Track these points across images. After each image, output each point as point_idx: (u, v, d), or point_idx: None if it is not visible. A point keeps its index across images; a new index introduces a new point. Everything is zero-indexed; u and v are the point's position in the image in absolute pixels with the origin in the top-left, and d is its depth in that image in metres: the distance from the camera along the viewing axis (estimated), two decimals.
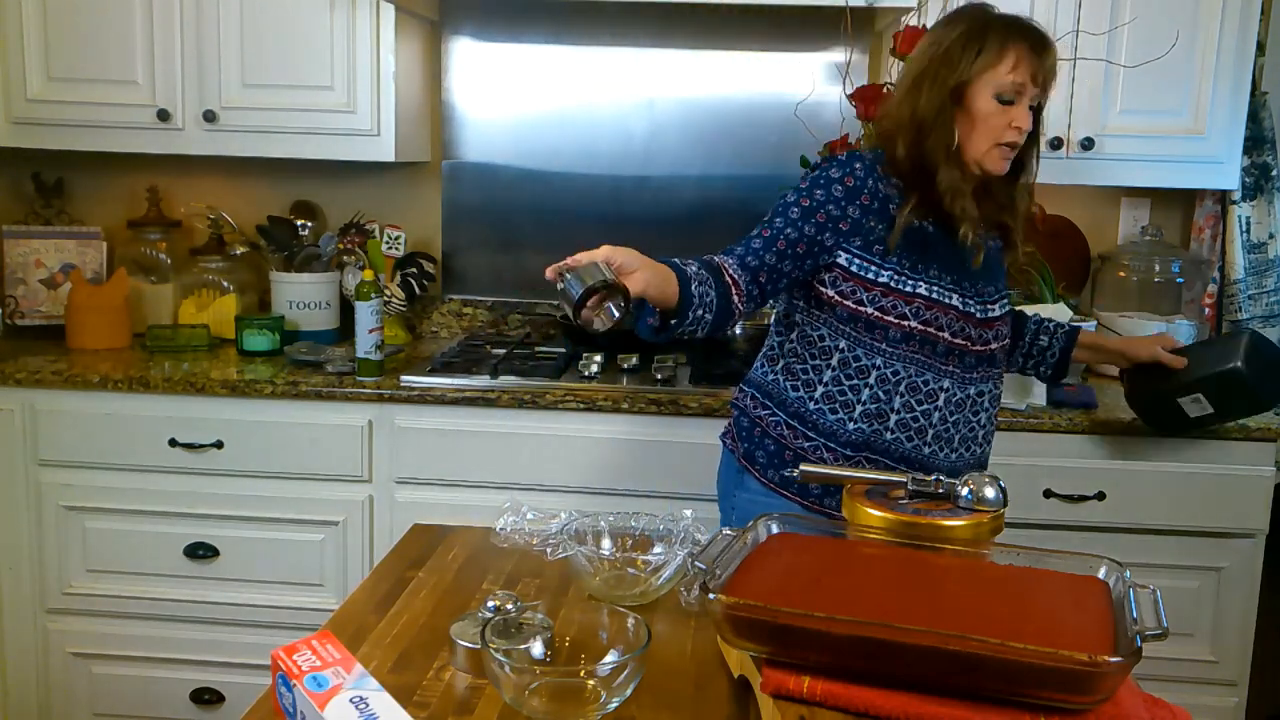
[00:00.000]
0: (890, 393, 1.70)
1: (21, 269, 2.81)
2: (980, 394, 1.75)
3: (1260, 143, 2.61)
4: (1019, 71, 1.64)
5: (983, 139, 1.67)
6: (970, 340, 1.71)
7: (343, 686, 0.97)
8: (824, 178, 1.70)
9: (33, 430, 2.44)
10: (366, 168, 2.89)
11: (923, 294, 1.68)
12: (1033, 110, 1.69)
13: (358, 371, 2.43)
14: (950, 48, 1.67)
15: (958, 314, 1.70)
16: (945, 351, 1.70)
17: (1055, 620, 1.00)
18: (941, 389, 1.71)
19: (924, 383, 1.71)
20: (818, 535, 1.21)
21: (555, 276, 1.41)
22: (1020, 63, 1.64)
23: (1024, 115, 1.65)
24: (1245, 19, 2.43)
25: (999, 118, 1.65)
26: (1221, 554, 2.32)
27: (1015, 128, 1.65)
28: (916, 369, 1.70)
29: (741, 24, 2.79)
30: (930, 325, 1.69)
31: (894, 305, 1.68)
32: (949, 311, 1.70)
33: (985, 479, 1.28)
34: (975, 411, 1.75)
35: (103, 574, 2.48)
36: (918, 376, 1.70)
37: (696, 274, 1.54)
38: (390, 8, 2.55)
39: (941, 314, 1.69)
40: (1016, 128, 1.65)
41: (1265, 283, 2.66)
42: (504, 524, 1.46)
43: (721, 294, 1.57)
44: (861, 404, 1.71)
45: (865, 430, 1.71)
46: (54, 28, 2.59)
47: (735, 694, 1.10)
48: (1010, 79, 1.64)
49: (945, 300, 1.69)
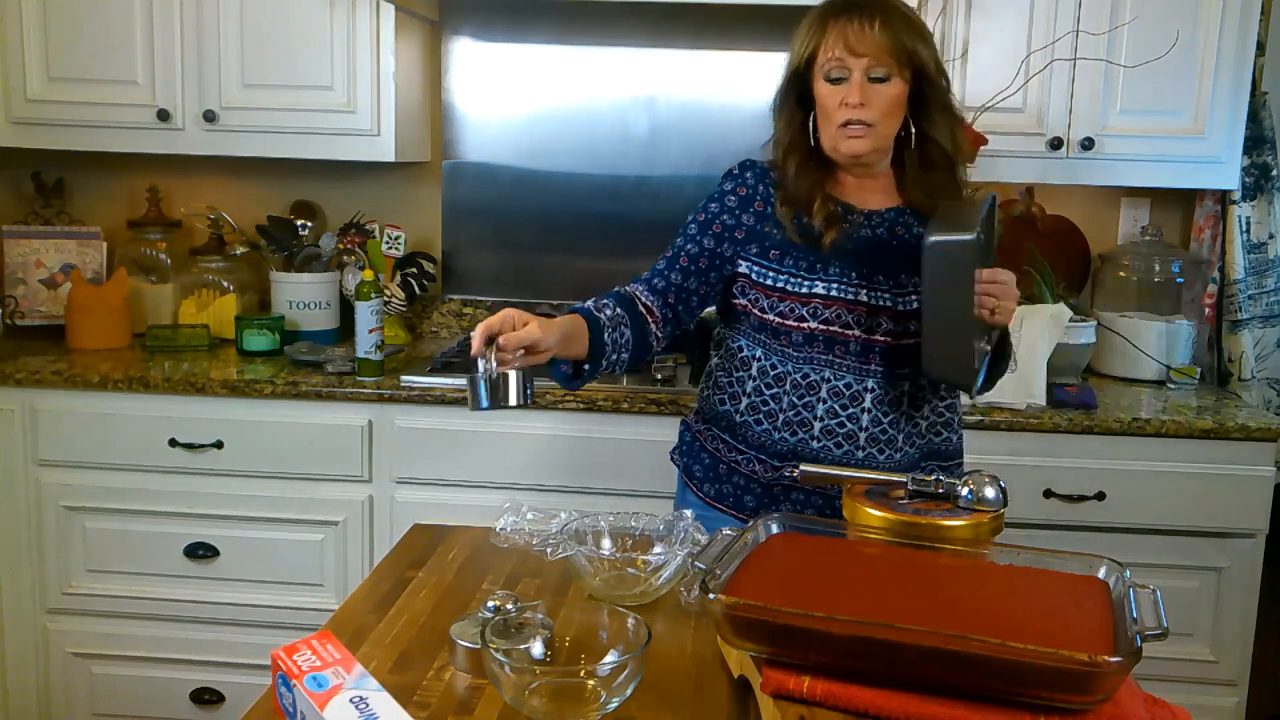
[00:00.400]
0: (811, 399, 1.65)
1: (21, 269, 2.81)
2: (919, 388, 1.69)
3: (1260, 143, 2.61)
4: (837, 46, 1.58)
5: (827, 124, 1.62)
6: (892, 335, 1.65)
7: (343, 686, 0.97)
8: (718, 190, 1.71)
9: (33, 430, 2.44)
10: (366, 168, 2.89)
11: (820, 293, 1.63)
12: (880, 81, 1.58)
13: (358, 371, 2.43)
14: (791, 50, 1.66)
15: (867, 309, 1.64)
16: (863, 350, 1.64)
17: (1055, 620, 1.00)
18: (866, 389, 1.65)
19: (845, 386, 1.65)
20: (818, 535, 1.21)
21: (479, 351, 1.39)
22: (838, 38, 1.58)
23: (856, 90, 1.57)
24: (1245, 19, 2.43)
25: (832, 98, 1.60)
26: (1221, 554, 2.32)
27: (845, 104, 1.58)
28: (834, 372, 1.65)
29: (741, 24, 2.79)
30: (834, 324, 1.63)
31: (792, 309, 1.64)
32: (856, 308, 1.64)
33: (985, 479, 1.28)
34: (915, 406, 1.69)
35: (103, 574, 2.48)
36: (838, 380, 1.65)
37: (611, 318, 1.58)
38: (390, 8, 2.55)
39: (846, 311, 1.63)
40: (847, 104, 1.58)
41: (1265, 283, 2.66)
42: (504, 524, 1.46)
43: (638, 329, 1.61)
44: (784, 413, 1.67)
45: (790, 440, 1.66)
46: (54, 28, 2.59)
47: (735, 694, 1.10)
48: (829, 55, 1.59)
49: (848, 297, 1.63)
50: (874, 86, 1.58)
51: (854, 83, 1.58)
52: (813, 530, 1.23)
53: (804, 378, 1.66)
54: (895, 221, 1.69)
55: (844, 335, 1.64)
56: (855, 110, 1.58)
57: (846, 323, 1.63)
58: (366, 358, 2.42)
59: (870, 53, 1.57)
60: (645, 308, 1.64)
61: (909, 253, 1.65)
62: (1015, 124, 2.48)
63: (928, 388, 1.70)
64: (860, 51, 1.57)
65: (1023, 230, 2.76)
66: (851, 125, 1.59)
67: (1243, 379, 2.64)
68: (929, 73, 1.63)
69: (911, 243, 1.66)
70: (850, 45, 1.57)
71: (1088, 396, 2.36)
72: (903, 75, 1.60)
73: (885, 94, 1.59)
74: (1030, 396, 2.34)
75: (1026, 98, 2.47)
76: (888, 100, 1.60)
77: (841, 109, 1.59)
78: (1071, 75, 2.47)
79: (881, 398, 1.65)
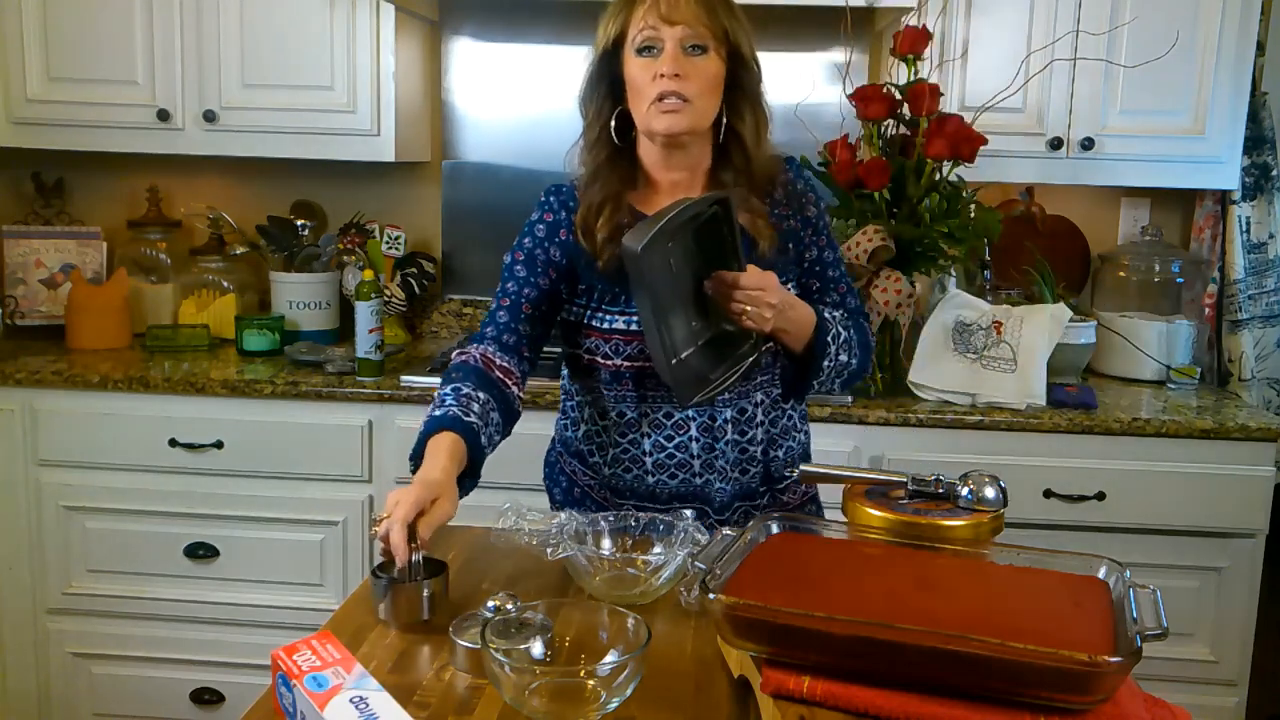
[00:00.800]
0: (635, 435, 1.57)
1: (21, 269, 2.81)
2: (742, 411, 1.57)
3: (1260, 143, 2.61)
4: (649, 15, 1.44)
5: (639, 102, 1.47)
6: None
7: (343, 686, 0.97)
8: (528, 222, 1.59)
9: (33, 430, 2.45)
10: (366, 168, 2.89)
11: (620, 329, 1.52)
12: (697, 52, 1.45)
13: (358, 371, 2.43)
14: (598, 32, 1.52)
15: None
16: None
17: (1055, 620, 1.00)
18: (689, 418, 1.55)
19: (665, 416, 1.55)
20: (818, 535, 1.21)
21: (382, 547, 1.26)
22: (651, 7, 1.44)
23: (670, 59, 1.43)
24: (1245, 19, 2.43)
25: (644, 72, 1.45)
26: (1221, 554, 2.32)
27: (660, 76, 1.43)
28: (650, 405, 1.55)
29: None
30: (638, 360, 1.51)
31: (597, 345, 1.54)
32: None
33: (985, 479, 1.28)
34: (748, 427, 1.58)
35: (103, 574, 2.48)
36: (655, 412, 1.55)
37: (480, 414, 1.44)
38: (390, 8, 2.55)
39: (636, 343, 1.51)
40: (661, 75, 1.43)
41: (1265, 283, 2.66)
42: (504, 524, 1.46)
43: (503, 405, 1.49)
44: (613, 448, 1.59)
45: (626, 477, 1.59)
46: (54, 28, 2.59)
47: (735, 694, 1.10)
48: (641, 25, 1.45)
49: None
50: (691, 59, 1.44)
51: (668, 53, 1.43)
52: (813, 530, 1.23)
53: (620, 416, 1.57)
54: None
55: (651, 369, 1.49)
56: (671, 82, 1.43)
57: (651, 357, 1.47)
58: (366, 358, 2.42)
59: (685, 20, 1.43)
60: (503, 372, 1.51)
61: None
62: (1015, 124, 2.48)
63: (757, 405, 1.58)
64: (674, 19, 1.43)
65: (1023, 230, 2.76)
66: (666, 99, 1.44)
67: (1243, 379, 2.64)
68: (744, 56, 1.49)
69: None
70: (663, 13, 1.43)
71: (1088, 396, 2.36)
72: (720, 53, 1.47)
73: (703, 68, 1.45)
74: (1030, 396, 2.34)
75: (1026, 98, 2.47)
76: (706, 75, 1.45)
77: (655, 82, 1.44)
78: (1071, 75, 2.47)
79: (707, 425, 1.55)
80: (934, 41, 2.44)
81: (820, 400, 2.32)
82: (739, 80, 1.50)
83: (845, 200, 2.41)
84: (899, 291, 2.31)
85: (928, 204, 2.35)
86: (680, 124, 1.45)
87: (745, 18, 1.51)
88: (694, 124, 1.47)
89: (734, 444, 1.58)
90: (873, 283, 2.33)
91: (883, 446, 2.33)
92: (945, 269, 2.54)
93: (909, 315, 2.36)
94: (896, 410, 2.31)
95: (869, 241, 2.30)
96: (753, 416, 1.58)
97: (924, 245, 2.35)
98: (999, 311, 2.46)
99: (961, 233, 2.33)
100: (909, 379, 2.42)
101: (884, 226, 2.32)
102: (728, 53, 1.47)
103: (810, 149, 2.55)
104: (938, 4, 2.45)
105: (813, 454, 1.77)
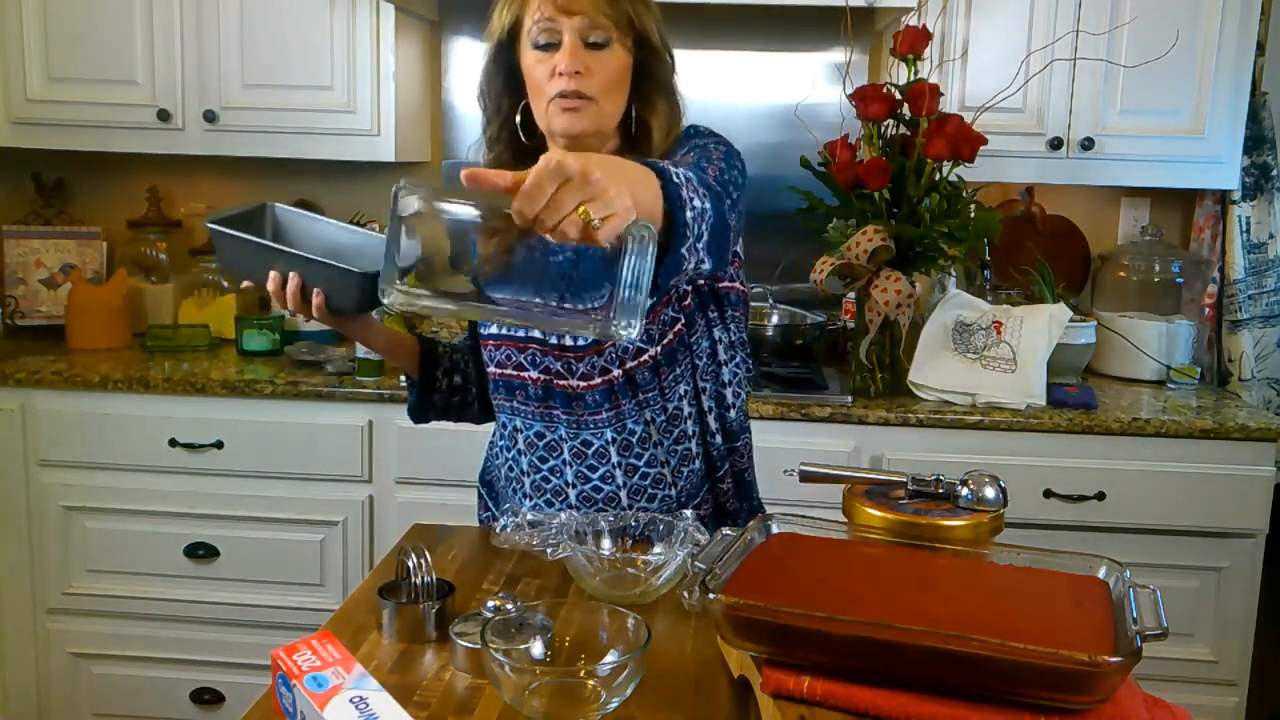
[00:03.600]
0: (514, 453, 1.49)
1: (21, 269, 2.81)
2: (633, 432, 1.42)
3: (1260, 143, 2.61)
4: (545, 5, 1.33)
5: (539, 99, 1.36)
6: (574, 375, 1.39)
7: (343, 686, 0.97)
8: None
9: (33, 430, 2.44)
10: (366, 167, 2.89)
11: (493, 333, 1.44)
12: (598, 47, 1.33)
13: (358, 371, 2.43)
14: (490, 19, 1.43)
15: (542, 347, 1.40)
16: (544, 394, 1.41)
17: (1055, 620, 1.00)
18: (560, 439, 1.43)
19: (537, 435, 1.45)
20: (818, 535, 1.21)
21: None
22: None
23: (569, 55, 1.32)
24: (1245, 19, 2.43)
25: (541, 68, 1.34)
26: (1221, 554, 2.31)
27: (558, 73, 1.32)
28: (523, 420, 1.45)
29: (741, 24, 2.79)
30: (507, 366, 1.43)
31: (485, 350, 1.45)
32: (527, 346, 1.40)
33: (985, 479, 1.28)
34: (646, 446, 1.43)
35: (103, 574, 2.48)
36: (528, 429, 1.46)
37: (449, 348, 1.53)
38: (390, 8, 2.55)
39: (517, 350, 1.41)
40: (560, 73, 1.32)
41: (1265, 283, 2.66)
42: (504, 524, 1.46)
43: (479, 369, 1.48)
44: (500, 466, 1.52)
45: (510, 495, 1.51)
46: (54, 28, 2.59)
47: (735, 694, 1.10)
48: (537, 16, 1.34)
49: (515, 334, 1.41)
50: (592, 53, 1.33)
51: (566, 47, 1.32)
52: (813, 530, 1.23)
53: (503, 426, 1.49)
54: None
55: (521, 378, 1.42)
56: (570, 80, 1.32)
57: (521, 364, 1.42)
58: (366, 358, 2.42)
59: (584, 9, 1.32)
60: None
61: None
62: (1015, 124, 2.48)
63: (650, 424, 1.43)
64: (572, 9, 1.32)
65: (1023, 230, 2.76)
66: (566, 98, 1.33)
67: (1243, 379, 2.64)
68: (654, 44, 1.38)
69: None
70: (560, 3, 1.32)
71: (1088, 396, 2.36)
72: (624, 44, 1.35)
73: (606, 63, 1.33)
74: (1030, 396, 2.34)
75: (1026, 98, 2.47)
76: (610, 70, 1.34)
77: (554, 79, 1.33)
78: (1071, 75, 2.47)
79: (580, 450, 1.43)
80: (934, 41, 2.44)
81: (820, 400, 2.32)
82: (649, 70, 1.38)
83: (845, 200, 2.41)
84: (899, 291, 2.31)
85: (928, 204, 2.35)
86: (581, 124, 1.34)
87: (653, 2, 1.40)
88: (597, 124, 1.36)
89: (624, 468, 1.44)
90: (873, 283, 2.33)
91: (883, 446, 2.33)
92: (945, 269, 2.54)
93: (909, 315, 2.36)
94: (896, 410, 2.31)
95: (869, 241, 2.30)
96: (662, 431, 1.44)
97: (924, 245, 2.35)
98: (999, 311, 2.46)
99: (961, 233, 2.33)
100: (909, 379, 2.42)
101: (884, 226, 2.32)
102: (634, 41, 1.36)
103: (810, 149, 2.55)
104: (938, 4, 2.45)
105: (813, 454, 1.76)
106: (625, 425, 1.42)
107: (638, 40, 1.36)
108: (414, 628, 1.21)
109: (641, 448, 1.43)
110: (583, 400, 1.41)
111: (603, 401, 1.41)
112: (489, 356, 1.46)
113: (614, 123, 1.38)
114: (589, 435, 1.42)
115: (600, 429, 1.42)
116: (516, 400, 1.45)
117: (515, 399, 1.45)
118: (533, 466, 1.47)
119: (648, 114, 1.39)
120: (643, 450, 1.43)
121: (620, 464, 1.43)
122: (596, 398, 1.40)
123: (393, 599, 1.22)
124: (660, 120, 1.39)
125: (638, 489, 1.44)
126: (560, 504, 1.45)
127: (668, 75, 1.41)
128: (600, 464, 1.43)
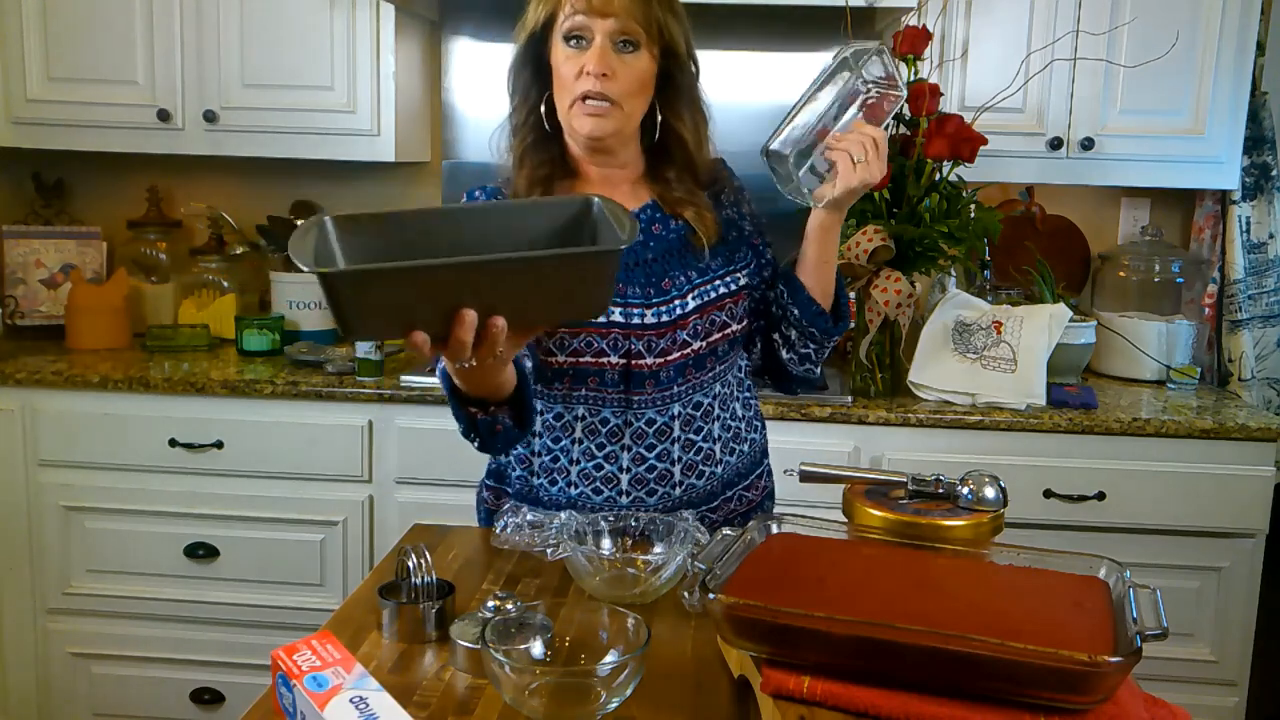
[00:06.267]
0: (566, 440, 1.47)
1: (21, 269, 2.81)
2: (698, 405, 1.48)
3: (1260, 143, 2.61)
4: (580, 2, 1.35)
5: (564, 96, 1.40)
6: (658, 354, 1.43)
7: (343, 686, 0.97)
8: None
9: (33, 430, 2.44)
10: (366, 167, 2.89)
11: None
12: (627, 50, 1.36)
13: (358, 371, 2.43)
14: (526, 11, 1.44)
15: (623, 329, 1.42)
16: (622, 377, 1.43)
17: (1055, 620, 1.00)
18: (626, 424, 1.46)
19: (602, 422, 1.46)
20: (818, 535, 1.21)
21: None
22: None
23: (597, 57, 1.34)
24: (1245, 19, 2.43)
25: (570, 65, 1.37)
26: (1221, 554, 2.32)
27: (585, 73, 1.35)
28: (588, 408, 1.45)
29: (741, 24, 2.79)
30: (585, 354, 1.43)
31: (539, 340, 1.43)
32: (609, 331, 1.42)
33: (985, 479, 1.28)
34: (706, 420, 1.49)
35: (103, 574, 2.48)
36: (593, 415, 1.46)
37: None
38: (390, 8, 2.55)
39: (599, 337, 1.42)
40: (587, 73, 1.35)
41: (1265, 283, 2.66)
42: (504, 524, 1.46)
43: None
44: (538, 456, 1.50)
45: (550, 488, 1.50)
46: (54, 28, 2.59)
47: (735, 694, 1.10)
48: (569, 12, 1.36)
49: (598, 321, 1.41)
50: (620, 57, 1.36)
51: (596, 48, 1.35)
52: (812, 530, 1.23)
53: (557, 417, 1.48)
54: (650, 219, 1.48)
55: (598, 365, 1.43)
56: (596, 81, 1.35)
57: (600, 350, 1.43)
58: (366, 358, 2.42)
59: (617, 13, 1.34)
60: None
61: (670, 251, 1.45)
62: (1015, 124, 2.48)
63: (714, 398, 1.50)
64: (606, 10, 1.34)
65: (1023, 230, 2.76)
66: (591, 100, 1.37)
67: (1243, 379, 2.64)
68: (679, 54, 1.41)
69: (670, 239, 1.46)
70: (595, 3, 1.34)
71: (1088, 396, 2.36)
72: (652, 50, 1.38)
73: (633, 67, 1.37)
74: (1030, 396, 2.34)
75: (1026, 98, 2.47)
76: (635, 75, 1.37)
77: (581, 79, 1.36)
78: (1071, 75, 2.47)
79: (643, 430, 1.45)
80: (934, 41, 2.44)
81: (820, 400, 2.32)
82: (674, 79, 1.43)
83: None
84: (899, 291, 2.31)
85: (928, 204, 2.35)
86: (604, 127, 1.38)
87: (684, 12, 1.43)
88: (619, 127, 1.40)
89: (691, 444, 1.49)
90: (873, 283, 2.33)
91: (883, 446, 2.33)
92: (945, 269, 2.54)
93: (909, 315, 2.36)
94: (896, 410, 2.31)
95: (869, 241, 2.30)
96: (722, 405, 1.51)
97: (924, 245, 2.35)
98: (999, 311, 2.46)
99: (961, 233, 2.33)
100: (909, 379, 2.42)
101: (884, 226, 2.32)
102: (661, 49, 1.40)
103: None
104: (938, 4, 2.45)
105: (813, 454, 1.77)
106: (693, 399, 1.48)
107: (664, 49, 1.40)
108: (414, 628, 1.20)
109: (703, 421, 1.49)
110: (656, 378, 1.45)
111: (676, 376, 1.46)
112: (557, 345, 1.43)
113: (635, 126, 1.43)
114: (653, 413, 1.46)
115: (668, 404, 1.46)
116: (588, 387, 1.45)
117: (587, 385, 1.45)
118: (586, 454, 1.48)
119: (675, 121, 1.45)
120: (703, 424, 1.49)
121: (680, 439, 1.47)
122: (671, 372, 1.45)
123: (393, 599, 1.22)
124: (688, 128, 1.45)
125: (690, 464, 1.48)
126: (610, 490, 1.47)
127: (691, 84, 1.45)
128: (660, 441, 1.47)
